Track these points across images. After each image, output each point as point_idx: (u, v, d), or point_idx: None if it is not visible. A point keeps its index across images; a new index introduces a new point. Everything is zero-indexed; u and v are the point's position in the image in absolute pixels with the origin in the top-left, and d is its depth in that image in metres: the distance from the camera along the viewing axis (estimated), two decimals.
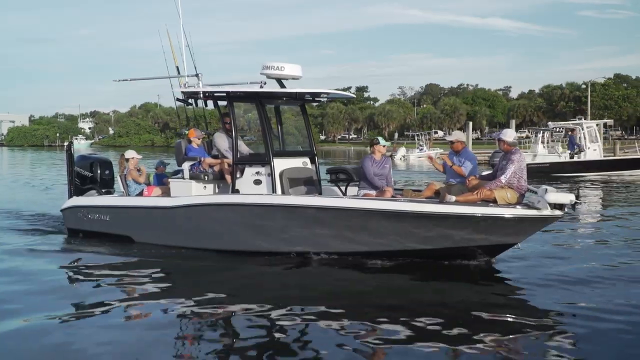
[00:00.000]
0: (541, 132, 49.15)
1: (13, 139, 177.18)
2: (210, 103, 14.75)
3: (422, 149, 72.90)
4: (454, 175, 13.00)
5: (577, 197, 11.31)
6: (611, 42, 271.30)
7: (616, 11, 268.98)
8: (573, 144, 40.84)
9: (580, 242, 15.81)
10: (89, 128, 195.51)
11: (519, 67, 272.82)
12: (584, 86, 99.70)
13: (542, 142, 47.36)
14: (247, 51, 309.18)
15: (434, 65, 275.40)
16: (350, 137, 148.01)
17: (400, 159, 64.67)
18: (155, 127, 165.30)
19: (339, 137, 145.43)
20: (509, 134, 12.33)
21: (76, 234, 15.73)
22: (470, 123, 79.30)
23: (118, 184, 15.90)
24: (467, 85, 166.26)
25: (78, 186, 15.92)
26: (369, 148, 14.00)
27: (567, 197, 11.20)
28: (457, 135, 13.50)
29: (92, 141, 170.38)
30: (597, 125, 42.79)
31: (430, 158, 13.88)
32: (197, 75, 14.22)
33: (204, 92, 13.92)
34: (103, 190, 15.88)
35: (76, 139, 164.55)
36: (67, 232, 16.03)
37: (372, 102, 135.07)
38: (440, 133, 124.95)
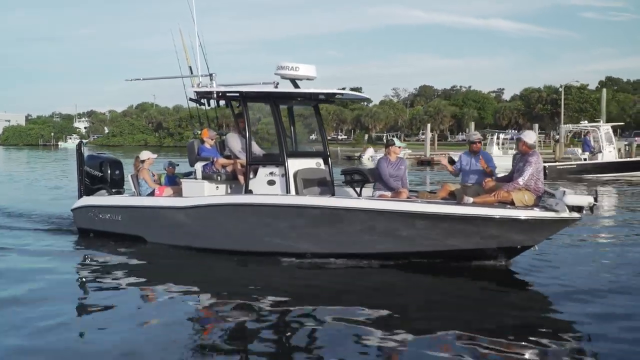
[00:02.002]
0: (496, 134, 57.76)
1: (8, 137, 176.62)
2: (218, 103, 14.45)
3: None
4: (469, 176, 12.70)
5: (596, 199, 11.01)
6: (613, 44, 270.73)
7: (618, 13, 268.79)
8: (588, 146, 41.12)
9: (597, 243, 15.47)
10: (85, 128, 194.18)
11: (521, 68, 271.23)
12: (561, 89, 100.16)
13: (497, 144, 55.25)
14: (250, 50, 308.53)
15: (437, 66, 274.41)
16: (340, 138, 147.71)
17: (368, 159, 64.70)
18: (149, 127, 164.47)
19: (329, 137, 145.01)
20: (530, 136, 12.03)
21: (87, 233, 15.36)
22: (429, 125, 79.92)
23: (128, 184, 15.54)
24: (460, 87, 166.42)
25: (88, 186, 15.55)
26: (384, 149, 13.68)
27: (586, 200, 10.90)
28: (475, 136, 13.19)
29: (87, 141, 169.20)
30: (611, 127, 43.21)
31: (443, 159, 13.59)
32: (210, 75, 13.91)
33: (217, 92, 13.59)
34: (113, 190, 15.52)
35: (70, 138, 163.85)
36: (78, 231, 15.66)
37: (365, 104, 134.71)
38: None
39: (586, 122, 46.14)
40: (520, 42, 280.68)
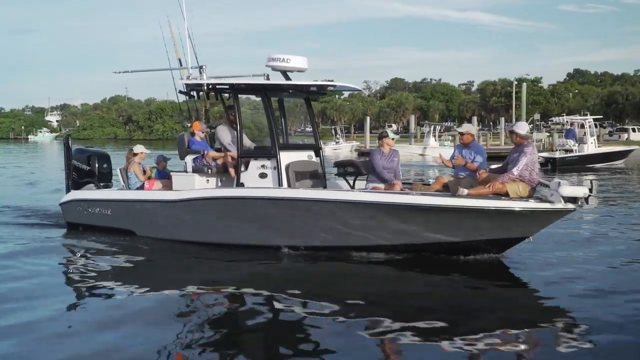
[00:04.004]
0: (432, 126, 61.73)
1: None
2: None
3: (338, 142, 72.78)
4: (462, 168, 12.43)
5: (591, 189, 10.81)
6: (589, 36, 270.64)
7: (596, 5, 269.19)
8: (574, 137, 41.89)
9: (593, 234, 15.09)
10: (57, 121, 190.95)
11: (497, 61, 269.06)
12: (516, 82, 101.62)
13: (434, 136, 58.13)
14: (229, 43, 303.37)
15: (415, 58, 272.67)
16: (308, 130, 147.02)
17: None
18: (120, 120, 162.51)
19: (300, 130, 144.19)
20: (522, 127, 11.81)
21: (76, 228, 14.88)
22: (368, 118, 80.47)
23: (117, 178, 15.07)
24: (431, 79, 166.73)
25: (75, 180, 15.03)
26: (377, 141, 13.36)
27: (581, 191, 10.71)
28: (467, 127, 12.94)
29: (57, 134, 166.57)
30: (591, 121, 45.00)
31: (439, 156, 13.32)
32: (200, 67, 13.48)
33: (207, 85, 13.18)
34: (101, 184, 15.02)
35: (40, 131, 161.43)
36: (67, 226, 15.17)
37: (337, 96, 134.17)
38: (394, 126, 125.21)
39: (565, 115, 48.04)
40: (497, 35, 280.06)
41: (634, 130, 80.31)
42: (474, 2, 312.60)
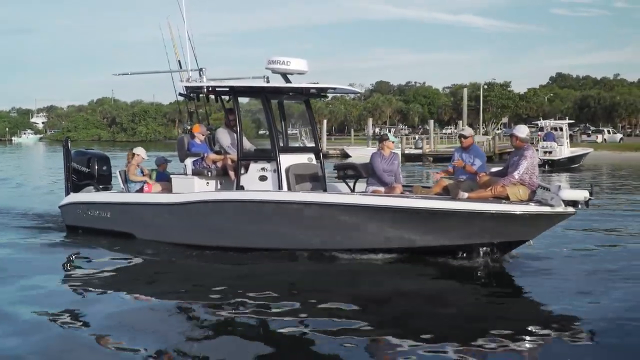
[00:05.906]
0: (393, 129, 63.70)
1: None
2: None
3: (303, 144, 73.08)
4: (462, 171, 12.30)
5: (591, 193, 10.70)
6: (583, 39, 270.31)
7: (587, 9, 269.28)
8: (553, 140, 42.99)
9: (593, 237, 14.81)
10: (42, 123, 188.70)
11: (485, 63, 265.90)
12: (485, 86, 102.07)
13: (396, 138, 55.31)
14: (228, 44, 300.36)
15: (405, 61, 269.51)
16: (289, 132, 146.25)
17: None
18: (104, 122, 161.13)
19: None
20: (522, 130, 11.67)
21: (75, 230, 14.60)
22: (325, 121, 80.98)
23: (116, 180, 14.79)
24: (415, 82, 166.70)
25: (74, 182, 14.73)
26: (377, 144, 13.18)
27: (581, 194, 10.62)
28: (469, 131, 12.82)
29: (41, 136, 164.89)
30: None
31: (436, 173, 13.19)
32: (200, 70, 13.25)
33: (207, 87, 12.95)
34: (100, 187, 14.73)
35: (24, 133, 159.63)
36: (66, 229, 14.86)
37: (322, 100, 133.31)
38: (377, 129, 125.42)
39: (542, 119, 50.02)
40: (493, 37, 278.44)
41: (608, 132, 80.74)
42: (467, 5, 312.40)
